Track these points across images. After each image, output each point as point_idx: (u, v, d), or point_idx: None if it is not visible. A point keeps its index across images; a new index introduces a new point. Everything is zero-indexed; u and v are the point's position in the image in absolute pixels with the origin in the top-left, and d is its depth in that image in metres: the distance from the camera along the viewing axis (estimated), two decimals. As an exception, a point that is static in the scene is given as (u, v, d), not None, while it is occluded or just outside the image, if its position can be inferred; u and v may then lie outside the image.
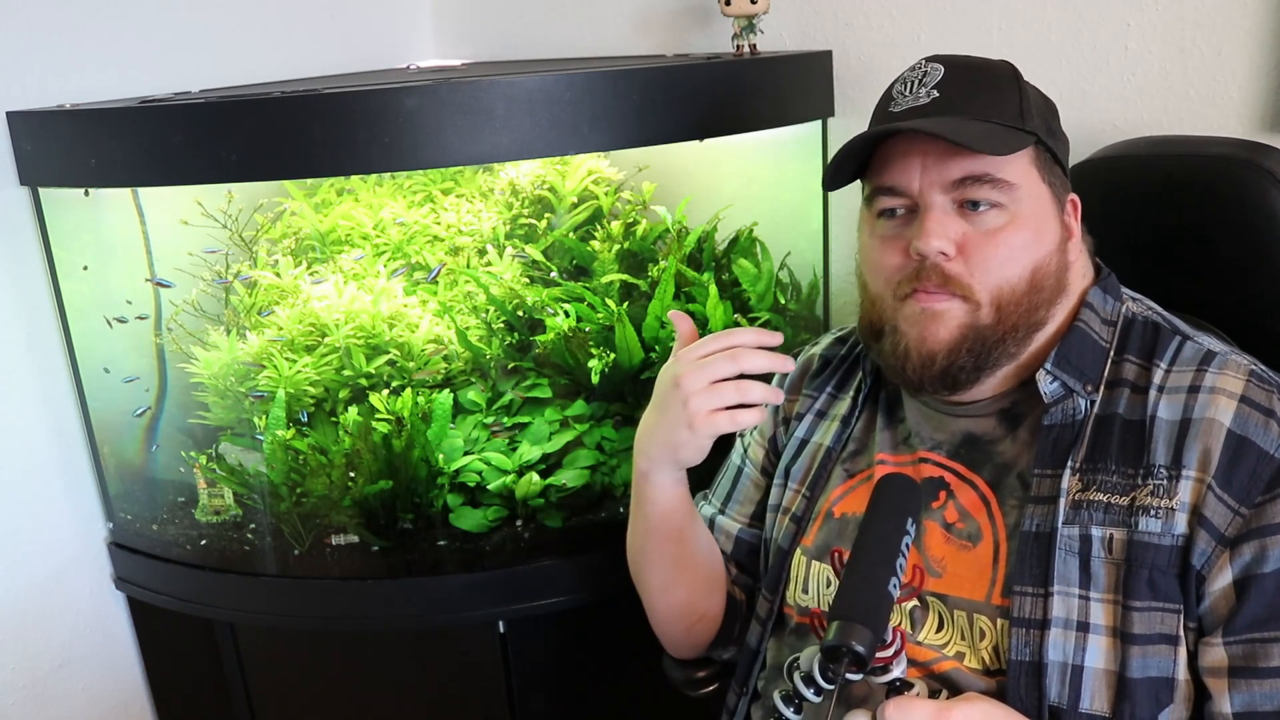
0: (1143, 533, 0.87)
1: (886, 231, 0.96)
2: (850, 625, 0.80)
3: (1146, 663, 0.86)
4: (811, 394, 1.14)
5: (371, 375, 1.42)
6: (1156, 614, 0.86)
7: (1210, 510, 0.85)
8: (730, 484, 1.21)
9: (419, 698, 1.49)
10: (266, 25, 1.66)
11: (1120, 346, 0.95)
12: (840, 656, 0.79)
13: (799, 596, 1.05)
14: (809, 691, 0.89)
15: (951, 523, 0.97)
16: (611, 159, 1.62)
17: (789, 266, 1.65)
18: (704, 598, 1.14)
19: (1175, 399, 0.90)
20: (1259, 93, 1.32)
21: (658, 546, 1.10)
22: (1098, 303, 0.97)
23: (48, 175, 1.36)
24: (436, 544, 1.39)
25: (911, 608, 0.96)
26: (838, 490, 1.06)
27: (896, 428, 1.05)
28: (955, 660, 0.93)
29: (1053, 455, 0.92)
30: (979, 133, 0.90)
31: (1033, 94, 0.96)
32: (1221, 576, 0.85)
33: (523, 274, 1.51)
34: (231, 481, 1.44)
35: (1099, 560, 0.88)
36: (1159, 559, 0.86)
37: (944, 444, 1.00)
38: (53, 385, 1.45)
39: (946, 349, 0.93)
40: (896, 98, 0.96)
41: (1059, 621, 0.87)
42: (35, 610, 1.46)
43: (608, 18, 1.77)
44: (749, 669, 1.10)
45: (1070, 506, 0.90)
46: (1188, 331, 0.96)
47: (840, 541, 1.02)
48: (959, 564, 0.95)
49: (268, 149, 1.22)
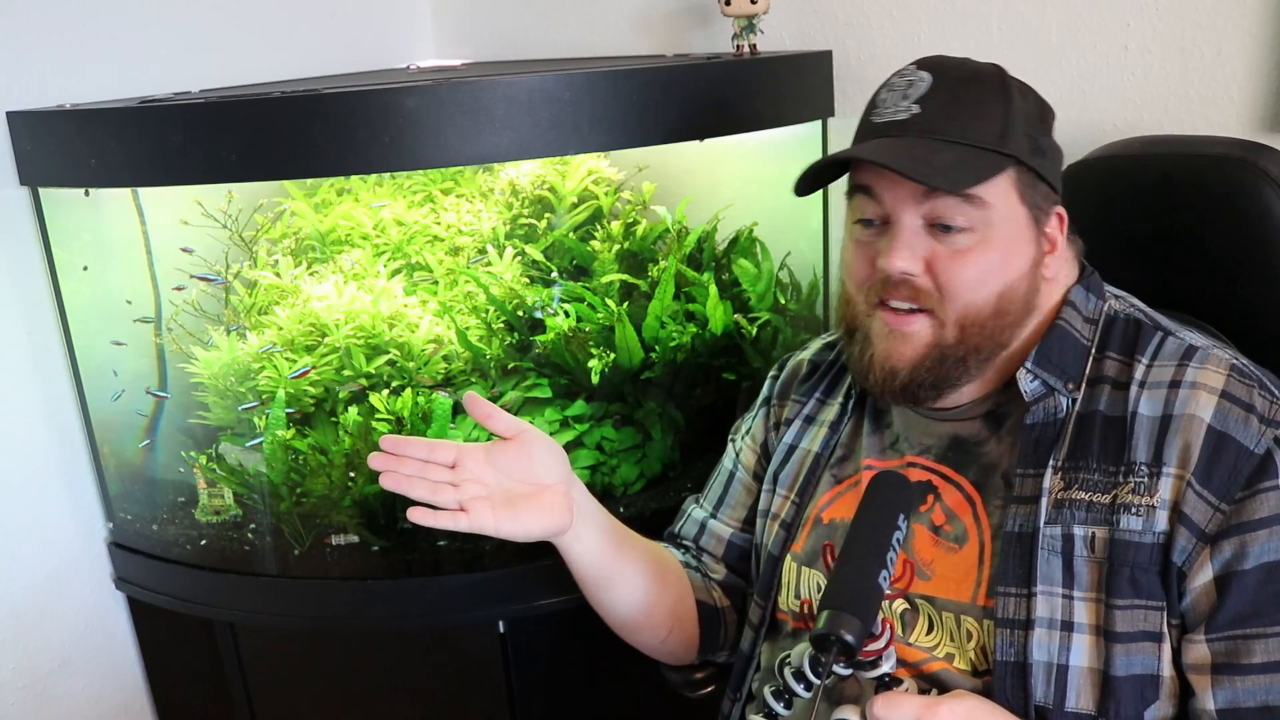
0: (1124, 530, 0.87)
1: (861, 238, 0.97)
2: (839, 614, 0.80)
3: (1130, 660, 0.86)
4: (800, 399, 1.14)
5: (372, 375, 1.42)
6: (1139, 611, 0.86)
7: (1190, 507, 0.85)
8: (722, 488, 1.21)
9: (419, 698, 1.49)
10: (266, 25, 1.66)
11: (1101, 344, 0.95)
12: (829, 645, 0.80)
13: (790, 602, 1.05)
14: (799, 687, 0.89)
15: (939, 525, 0.97)
16: (611, 159, 1.62)
17: (789, 266, 1.65)
18: (660, 611, 1.13)
19: (1156, 394, 0.90)
20: (1259, 93, 1.32)
21: (592, 595, 1.12)
22: (1079, 301, 0.97)
23: (48, 175, 1.36)
24: (436, 544, 1.39)
25: (902, 610, 0.96)
26: (826, 496, 1.06)
27: (883, 433, 1.05)
28: (945, 661, 0.93)
29: (1035, 454, 0.92)
30: (946, 163, 0.89)
31: (1021, 106, 0.94)
32: (1202, 573, 0.85)
33: (523, 274, 1.51)
34: (231, 481, 1.44)
35: (1081, 559, 0.88)
36: (1140, 556, 0.86)
37: (932, 448, 1.00)
38: (53, 385, 1.45)
39: (909, 366, 0.95)
40: (880, 105, 0.96)
41: (1043, 621, 0.88)
42: (35, 610, 1.46)
43: (608, 18, 1.77)
44: (743, 674, 1.10)
45: (1053, 506, 0.90)
46: (1169, 327, 0.96)
47: (833, 542, 1.03)
48: (946, 566, 0.95)
49: (268, 149, 1.22)
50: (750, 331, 1.53)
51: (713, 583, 1.19)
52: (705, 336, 1.49)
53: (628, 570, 1.10)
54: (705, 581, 1.19)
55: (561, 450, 1.07)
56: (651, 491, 1.47)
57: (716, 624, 1.17)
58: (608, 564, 1.09)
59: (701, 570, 1.20)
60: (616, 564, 1.09)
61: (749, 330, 1.53)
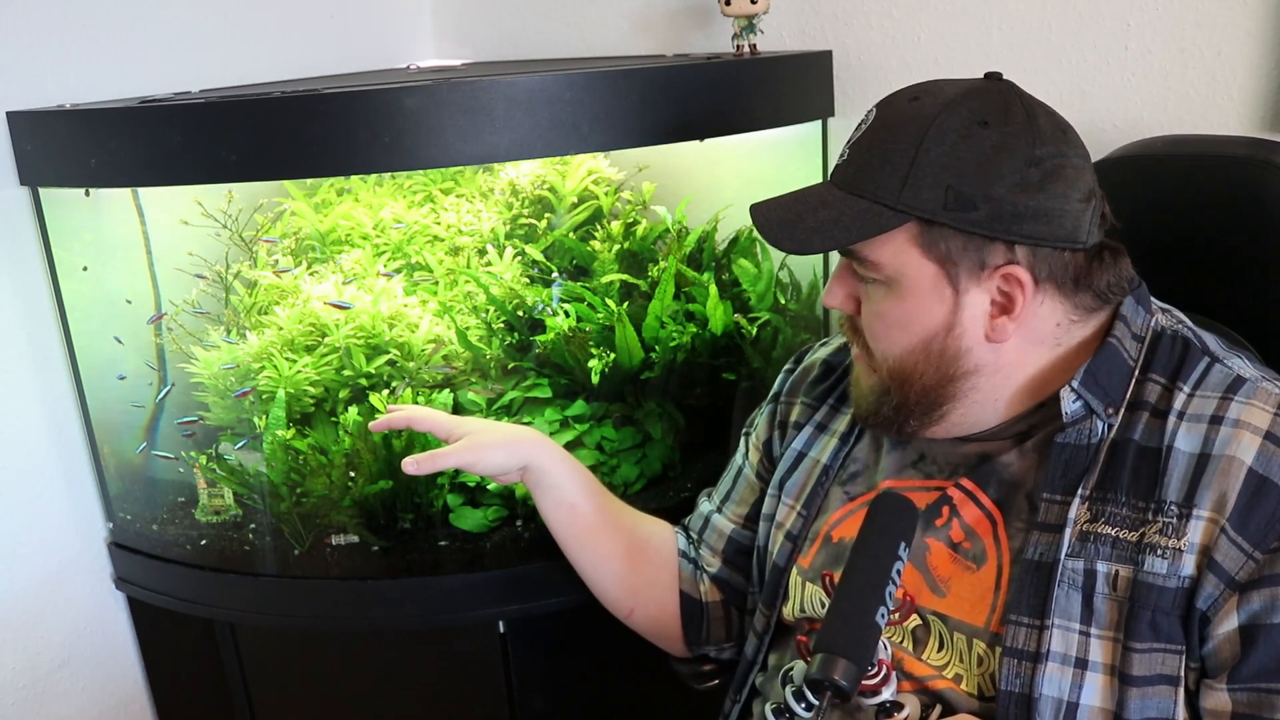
0: (1148, 572, 0.84)
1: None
2: (833, 659, 0.79)
3: (1145, 704, 0.84)
4: (812, 403, 1.12)
5: (371, 375, 1.42)
6: (1158, 655, 0.84)
7: (1221, 554, 0.82)
8: (730, 483, 1.21)
9: (419, 698, 1.49)
10: (266, 25, 1.66)
11: (1146, 364, 0.90)
12: (823, 690, 0.79)
13: (797, 613, 1.04)
14: (799, 707, 0.89)
15: (957, 542, 0.94)
16: (611, 159, 1.62)
17: (789, 266, 1.65)
18: (622, 589, 1.20)
19: (1195, 429, 0.86)
20: (1259, 93, 1.32)
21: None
22: (1130, 314, 0.92)
23: (48, 175, 1.35)
24: (436, 544, 1.39)
25: (914, 627, 0.94)
26: (837, 514, 1.04)
27: (905, 449, 1.02)
28: (951, 681, 0.92)
29: (1064, 480, 0.89)
30: (820, 221, 0.89)
31: (942, 155, 0.85)
32: (1228, 621, 0.82)
33: (523, 274, 1.51)
34: (231, 481, 1.44)
35: (1102, 596, 0.85)
36: (1163, 601, 0.83)
37: (960, 467, 0.97)
38: (53, 385, 1.45)
39: (867, 400, 0.96)
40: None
41: (1057, 656, 0.85)
42: (35, 610, 1.46)
43: (608, 18, 1.77)
44: (745, 677, 1.10)
45: (1077, 538, 0.87)
46: (1217, 353, 0.91)
47: (836, 567, 1.00)
48: (962, 585, 0.93)
49: (268, 149, 1.22)
50: (750, 331, 1.53)
51: (704, 576, 1.19)
52: (705, 336, 1.49)
53: (589, 541, 1.18)
54: (695, 574, 1.19)
55: (518, 444, 1.15)
56: (651, 491, 1.47)
57: (699, 617, 1.18)
58: (561, 529, 1.18)
59: (696, 562, 1.20)
60: (575, 532, 1.18)
61: (749, 330, 1.53)
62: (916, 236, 0.87)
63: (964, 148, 0.85)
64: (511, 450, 1.15)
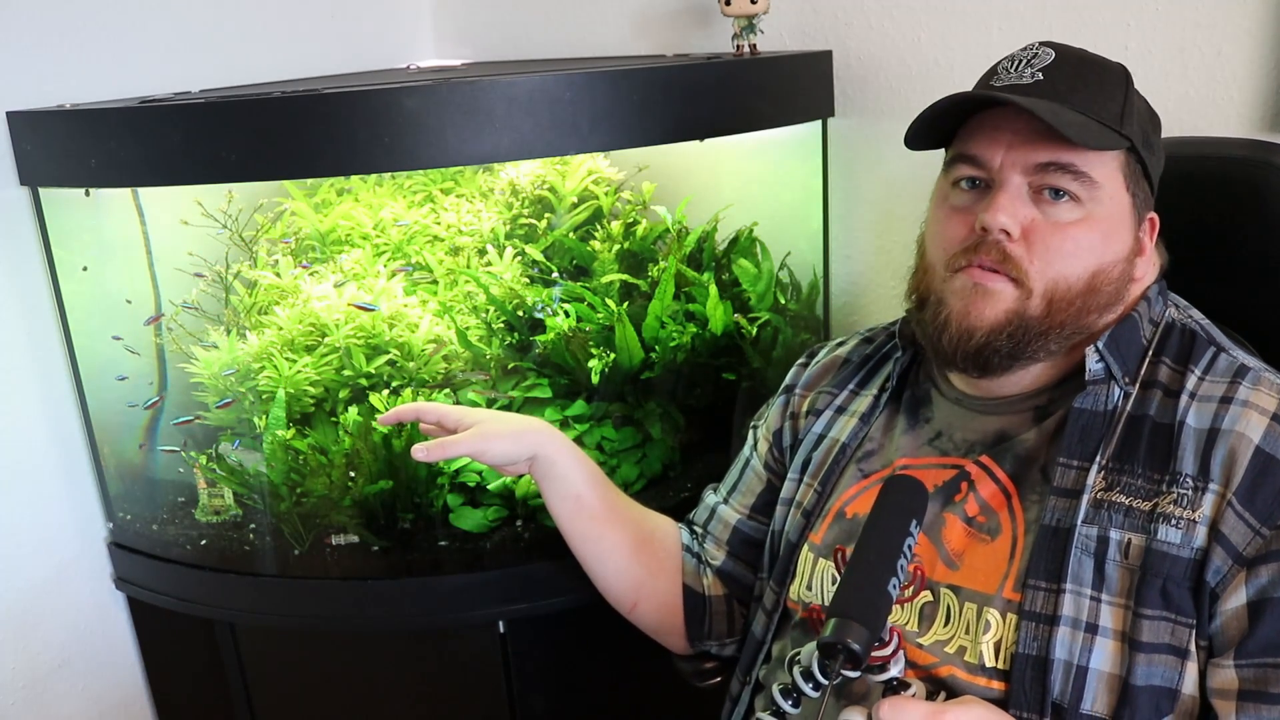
0: (1161, 541, 0.85)
1: (957, 202, 0.96)
2: (847, 623, 0.80)
3: (1151, 671, 0.85)
4: (832, 390, 1.14)
5: (371, 375, 1.42)
6: (1167, 624, 0.85)
7: (1229, 527, 0.84)
8: (737, 475, 1.22)
9: (419, 698, 1.49)
10: (266, 25, 1.66)
11: (1158, 349, 0.94)
12: (836, 653, 0.80)
13: (803, 593, 1.05)
14: (807, 686, 0.89)
15: (972, 516, 0.96)
16: (611, 159, 1.62)
17: (789, 266, 1.65)
18: (625, 582, 1.19)
19: (1206, 407, 0.89)
20: (1259, 93, 1.32)
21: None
22: (1153, 298, 0.97)
23: (48, 175, 1.35)
24: (436, 544, 1.39)
25: (924, 604, 0.95)
26: (851, 490, 1.05)
27: (921, 428, 1.04)
28: (954, 661, 0.92)
29: (1081, 445, 0.91)
30: (1074, 122, 0.89)
31: (1139, 103, 0.95)
32: (1235, 597, 0.84)
33: (523, 274, 1.51)
34: (231, 481, 1.44)
35: (1114, 564, 0.87)
36: (1175, 570, 0.85)
37: (976, 445, 0.99)
38: (53, 385, 1.45)
39: (987, 329, 0.92)
40: (1000, 73, 0.95)
41: (1067, 620, 0.87)
42: (35, 610, 1.46)
43: (608, 18, 1.77)
44: (753, 658, 1.10)
45: (1092, 505, 0.89)
46: (1224, 344, 0.95)
47: (848, 542, 1.02)
48: (977, 557, 0.94)
49: (268, 149, 1.22)
50: (750, 331, 1.53)
51: (707, 570, 1.19)
52: (705, 336, 1.49)
53: (594, 533, 1.18)
54: (699, 568, 1.19)
55: (525, 434, 1.15)
56: (652, 492, 1.47)
57: (701, 611, 1.18)
58: (567, 521, 1.18)
59: (700, 556, 1.20)
60: (580, 524, 1.18)
61: (749, 330, 1.53)
62: (1123, 165, 0.93)
63: (1144, 103, 0.96)
64: (519, 440, 1.14)
